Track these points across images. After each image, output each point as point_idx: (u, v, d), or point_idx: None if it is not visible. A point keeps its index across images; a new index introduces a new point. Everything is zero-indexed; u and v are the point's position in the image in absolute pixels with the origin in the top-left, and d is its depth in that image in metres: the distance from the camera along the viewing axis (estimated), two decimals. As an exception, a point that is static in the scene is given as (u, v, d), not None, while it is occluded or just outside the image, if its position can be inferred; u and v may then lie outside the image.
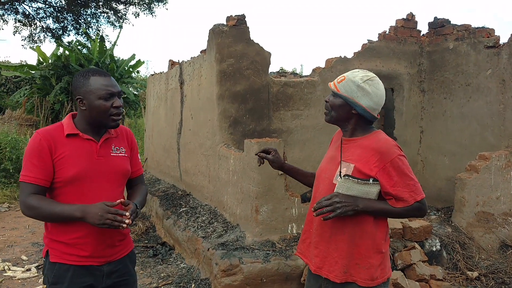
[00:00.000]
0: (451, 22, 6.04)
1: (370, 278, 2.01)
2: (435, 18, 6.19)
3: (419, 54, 6.24)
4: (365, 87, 1.99)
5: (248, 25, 5.03)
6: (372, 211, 1.98)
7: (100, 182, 2.05)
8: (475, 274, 4.27)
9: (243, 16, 5.02)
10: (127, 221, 1.88)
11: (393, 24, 6.19)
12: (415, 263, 4.03)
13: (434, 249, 4.39)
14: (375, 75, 2.05)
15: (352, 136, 2.08)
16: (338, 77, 2.07)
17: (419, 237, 4.33)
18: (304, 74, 9.04)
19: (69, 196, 1.99)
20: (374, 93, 2.00)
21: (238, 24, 4.97)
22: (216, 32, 4.89)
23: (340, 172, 2.00)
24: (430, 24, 6.28)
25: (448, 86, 5.94)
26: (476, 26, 5.70)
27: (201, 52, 5.59)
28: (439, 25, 6.13)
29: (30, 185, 1.93)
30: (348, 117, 2.05)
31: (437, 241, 4.44)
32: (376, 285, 2.03)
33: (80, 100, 2.02)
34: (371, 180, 1.96)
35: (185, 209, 5.33)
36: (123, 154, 2.18)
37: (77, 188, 1.99)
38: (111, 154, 2.12)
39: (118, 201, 1.96)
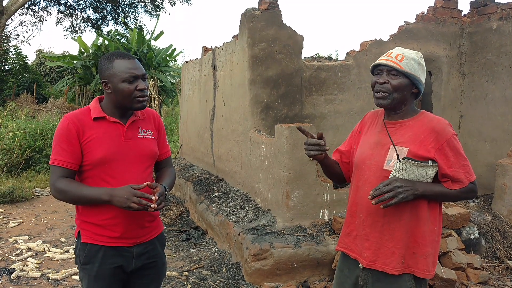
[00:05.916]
0: (495, 1, 5.75)
1: (427, 269, 1.90)
2: (478, -4, 5.91)
3: (459, 35, 5.97)
4: (422, 63, 1.95)
5: (280, 9, 4.96)
6: (430, 194, 1.87)
7: (127, 164, 2.05)
8: (516, 263, 4.10)
9: (275, 0, 4.95)
10: (152, 205, 1.89)
11: (432, 4, 5.96)
12: (451, 251, 3.89)
13: (472, 237, 4.24)
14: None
15: (402, 118, 1.97)
16: (392, 54, 1.93)
17: (456, 224, 4.18)
18: (339, 59, 8.85)
19: (97, 178, 2.01)
20: (425, 68, 1.99)
21: (270, 8, 4.91)
22: (248, 17, 4.85)
23: (398, 155, 1.88)
24: (472, 3, 5.99)
25: (490, 68, 5.67)
26: (522, 4, 5.40)
27: (233, 37, 5.56)
28: (481, 4, 5.83)
29: (60, 169, 1.97)
30: (407, 97, 1.95)
31: (475, 229, 4.28)
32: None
33: (105, 84, 2.03)
34: (430, 162, 1.85)
35: (217, 194, 5.37)
36: (150, 136, 2.18)
37: (105, 170, 2.01)
38: (138, 136, 2.12)
39: (145, 184, 1.97)
